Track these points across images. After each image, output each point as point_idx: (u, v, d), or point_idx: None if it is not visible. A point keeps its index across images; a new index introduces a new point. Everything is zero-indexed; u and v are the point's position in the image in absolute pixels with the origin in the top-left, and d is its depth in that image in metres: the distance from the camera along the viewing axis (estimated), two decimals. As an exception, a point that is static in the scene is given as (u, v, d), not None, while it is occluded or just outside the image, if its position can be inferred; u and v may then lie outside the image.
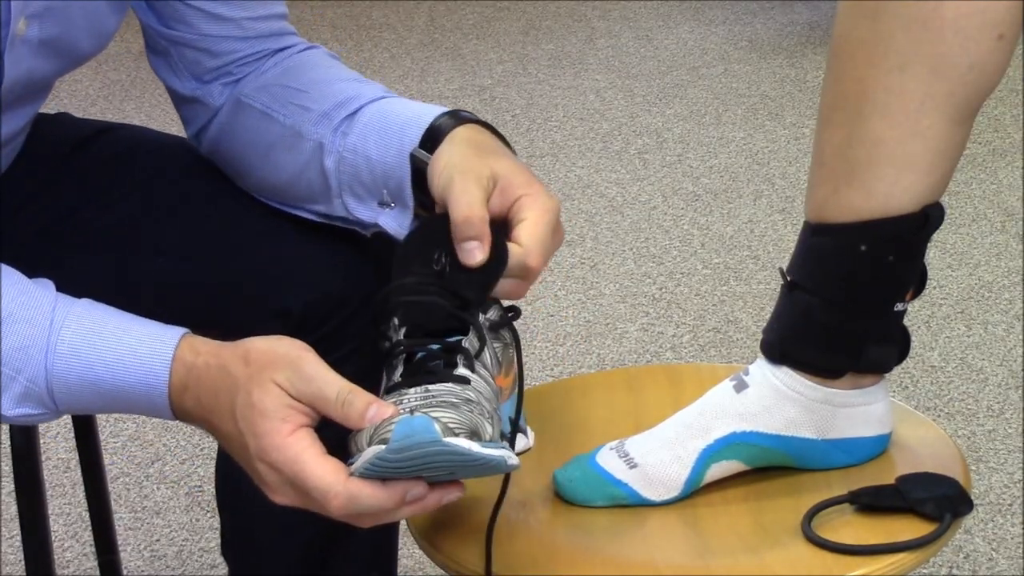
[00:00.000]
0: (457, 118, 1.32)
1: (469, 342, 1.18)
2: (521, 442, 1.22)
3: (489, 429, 1.13)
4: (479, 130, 1.31)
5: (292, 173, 1.41)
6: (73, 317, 1.19)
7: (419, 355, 1.18)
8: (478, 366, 1.17)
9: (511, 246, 1.22)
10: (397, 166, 1.33)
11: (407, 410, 1.12)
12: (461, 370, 1.16)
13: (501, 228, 1.23)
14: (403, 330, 1.20)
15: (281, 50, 1.46)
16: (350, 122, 1.37)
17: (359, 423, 1.12)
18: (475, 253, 1.20)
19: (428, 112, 1.34)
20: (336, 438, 1.15)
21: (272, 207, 1.45)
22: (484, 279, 1.20)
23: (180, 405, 1.19)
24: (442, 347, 1.18)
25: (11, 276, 1.20)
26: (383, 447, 1.08)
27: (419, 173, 1.31)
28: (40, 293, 1.20)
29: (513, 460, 1.13)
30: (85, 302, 1.21)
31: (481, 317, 1.21)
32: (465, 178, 1.23)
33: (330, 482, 1.11)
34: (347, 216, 1.38)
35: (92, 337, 1.19)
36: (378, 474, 1.10)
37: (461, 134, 1.30)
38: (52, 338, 1.18)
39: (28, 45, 1.32)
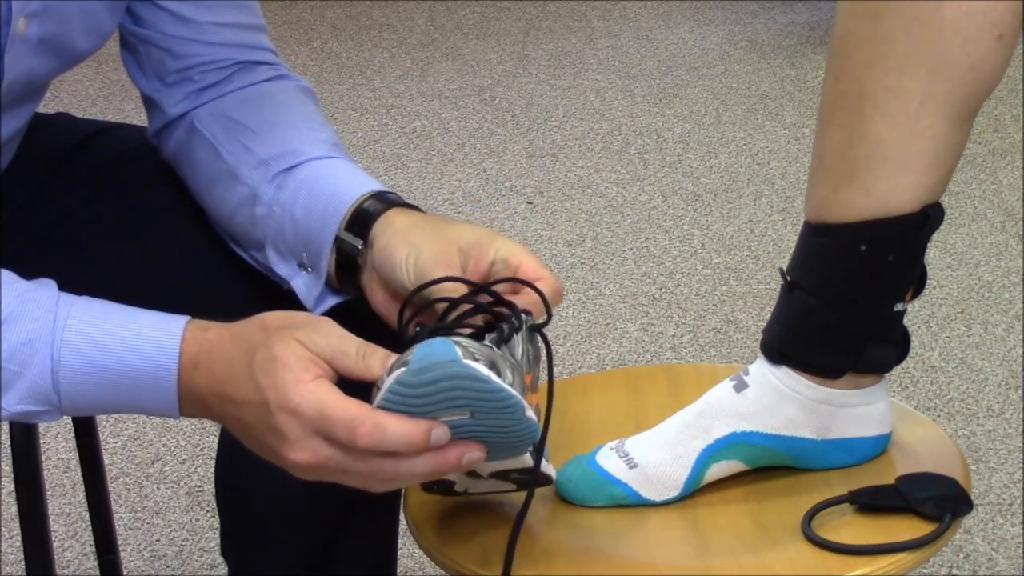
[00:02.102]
0: (384, 201, 1.32)
1: (499, 328, 1.18)
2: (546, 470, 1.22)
3: (509, 375, 1.12)
4: (410, 212, 1.31)
5: (228, 211, 1.40)
6: (78, 309, 1.19)
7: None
8: (505, 349, 1.17)
9: (539, 287, 1.24)
10: (318, 234, 1.32)
11: None
12: (486, 343, 1.16)
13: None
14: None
15: (249, 64, 1.45)
16: (286, 176, 1.36)
17: (380, 372, 1.12)
18: None
19: (357, 187, 1.33)
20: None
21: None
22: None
23: (189, 386, 1.18)
24: (470, 333, 1.18)
25: (10, 278, 1.20)
26: (403, 369, 1.08)
27: (344, 257, 1.31)
28: (42, 291, 1.20)
29: (530, 413, 1.12)
30: (86, 298, 1.21)
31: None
32: (441, 268, 1.24)
33: (355, 412, 1.10)
34: (270, 268, 1.38)
35: (99, 324, 1.19)
36: (399, 405, 1.09)
37: (400, 222, 1.29)
38: (58, 330, 1.18)
39: (27, 44, 1.32)
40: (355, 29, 4.55)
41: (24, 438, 1.64)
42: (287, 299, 1.41)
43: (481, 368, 1.08)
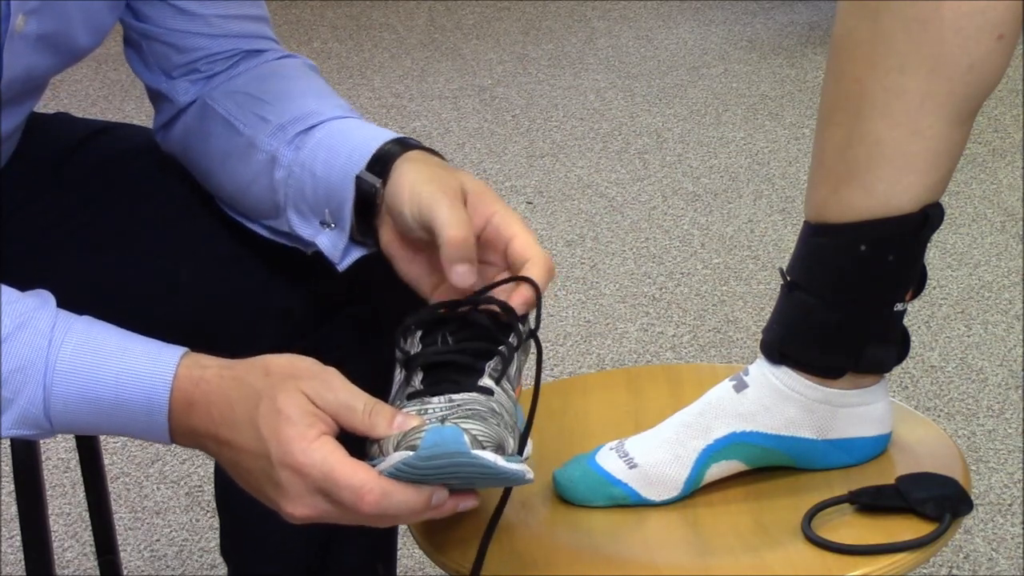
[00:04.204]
0: (405, 145, 1.31)
1: (500, 356, 1.18)
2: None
3: (511, 443, 1.14)
4: (429, 155, 1.30)
5: (243, 183, 1.40)
6: (73, 335, 1.18)
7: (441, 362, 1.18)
8: (505, 381, 1.18)
9: (530, 266, 1.22)
10: (340, 186, 1.31)
11: (435, 420, 1.12)
12: (486, 380, 1.17)
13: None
14: (419, 334, 1.20)
15: (254, 52, 1.45)
16: (304, 137, 1.35)
17: (386, 433, 1.12)
18: (467, 276, 1.20)
19: (379, 136, 1.32)
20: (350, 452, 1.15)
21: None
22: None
23: (184, 423, 1.18)
24: (467, 353, 1.18)
25: (10, 296, 1.20)
26: (411, 453, 1.09)
27: (363, 197, 1.30)
28: (39, 312, 1.19)
29: (530, 475, 1.14)
30: (85, 320, 1.20)
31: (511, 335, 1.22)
32: (446, 198, 1.22)
33: (363, 479, 1.10)
34: (290, 232, 1.37)
35: (92, 355, 1.18)
36: (401, 478, 1.11)
37: (415, 157, 1.29)
38: (51, 357, 1.17)
39: (26, 41, 1.32)
40: (355, 29, 4.55)
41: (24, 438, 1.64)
42: (285, 295, 1.41)
43: (488, 457, 1.10)
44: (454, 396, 1.15)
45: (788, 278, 1.29)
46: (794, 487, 1.29)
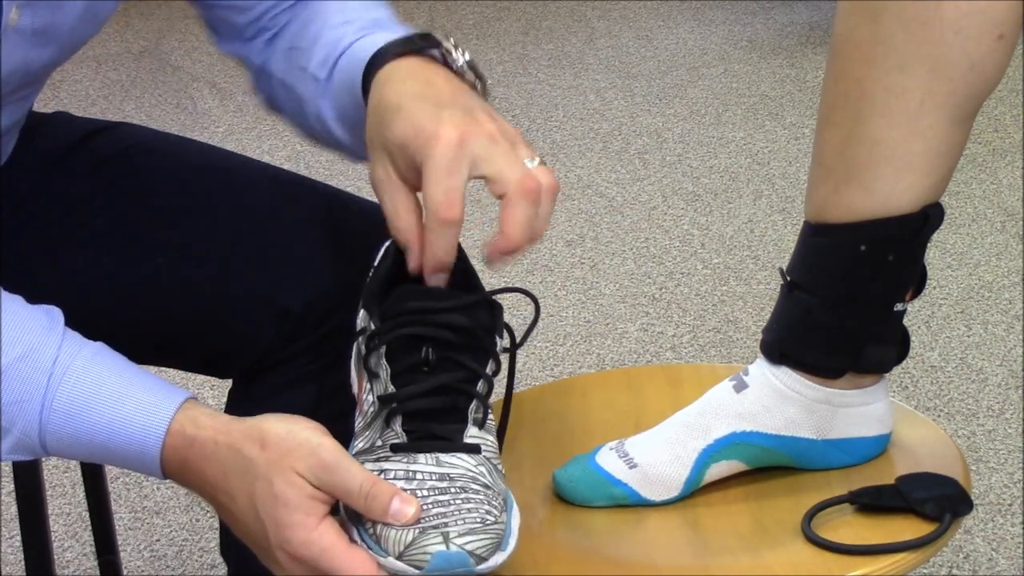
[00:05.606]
0: (371, 68, 1.27)
1: (478, 397, 1.17)
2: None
3: (503, 523, 1.13)
4: (382, 85, 1.25)
5: (323, 138, 1.41)
6: (72, 374, 1.18)
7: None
8: (485, 417, 1.17)
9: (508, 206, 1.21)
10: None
11: (431, 518, 1.11)
12: (471, 432, 1.15)
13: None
14: (383, 349, 1.18)
15: None
16: (328, 85, 1.36)
17: (382, 517, 1.11)
18: (409, 259, 1.19)
19: (361, 65, 1.30)
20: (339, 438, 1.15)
21: (270, 204, 1.45)
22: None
23: (178, 474, 1.18)
24: (447, 394, 1.17)
25: (15, 316, 1.19)
26: (416, 573, 1.10)
27: None
28: (44, 339, 1.19)
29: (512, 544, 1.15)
30: (89, 353, 1.20)
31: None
32: (381, 187, 1.21)
33: (360, 573, 1.11)
34: None
35: (88, 400, 1.18)
36: None
37: (372, 102, 1.24)
38: (48, 396, 1.17)
39: (21, 34, 1.31)
40: (355, 29, 4.55)
41: (24, 438, 1.64)
42: (285, 295, 1.40)
43: (487, 566, 1.11)
44: (442, 458, 1.14)
45: (788, 278, 1.29)
46: (794, 487, 1.29)
